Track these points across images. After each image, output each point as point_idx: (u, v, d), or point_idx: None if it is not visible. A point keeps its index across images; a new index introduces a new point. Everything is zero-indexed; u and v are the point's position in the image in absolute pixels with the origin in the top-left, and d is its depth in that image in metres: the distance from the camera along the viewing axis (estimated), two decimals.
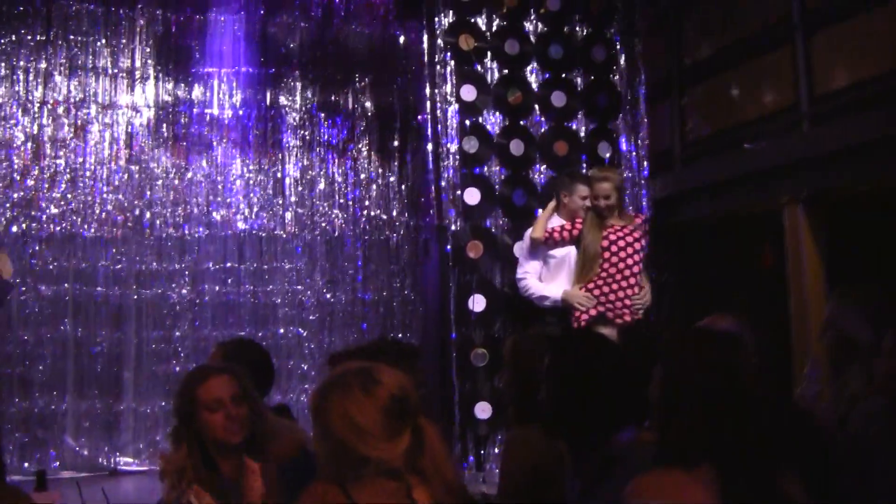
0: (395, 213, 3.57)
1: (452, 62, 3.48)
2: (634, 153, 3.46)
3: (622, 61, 3.54)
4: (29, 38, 3.38)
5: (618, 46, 3.56)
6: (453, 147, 3.47)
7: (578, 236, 2.88)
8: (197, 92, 3.49)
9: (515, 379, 1.66)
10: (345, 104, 3.59)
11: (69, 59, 3.40)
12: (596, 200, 2.85)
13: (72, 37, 3.39)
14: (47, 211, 3.35)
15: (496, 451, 3.10)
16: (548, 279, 2.89)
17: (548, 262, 2.91)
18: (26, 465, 3.25)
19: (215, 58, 3.50)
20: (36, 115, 3.35)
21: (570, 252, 2.89)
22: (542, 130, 3.53)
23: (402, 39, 3.60)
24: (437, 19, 3.50)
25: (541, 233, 2.87)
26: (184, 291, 3.43)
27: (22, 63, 3.37)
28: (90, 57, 3.41)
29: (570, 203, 2.98)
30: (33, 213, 3.31)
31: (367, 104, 3.59)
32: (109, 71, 3.42)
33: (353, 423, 1.01)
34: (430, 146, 3.49)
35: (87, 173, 3.40)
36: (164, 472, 1.43)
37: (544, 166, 3.45)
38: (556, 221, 2.96)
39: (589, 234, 2.79)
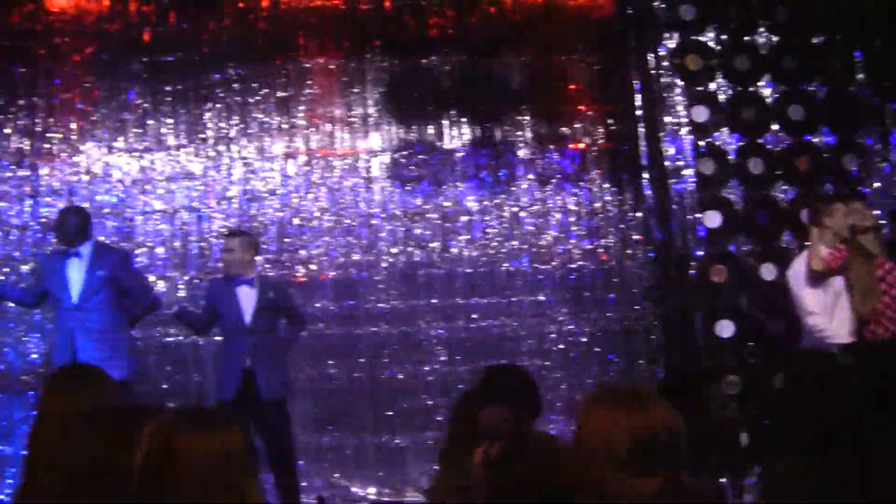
0: (631, 241, 5.03)
1: (681, 84, 4.93)
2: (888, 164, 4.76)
3: (863, 68, 4.86)
4: (271, 95, 5.08)
5: (858, 53, 4.89)
6: (688, 171, 4.92)
7: (845, 263, 4.22)
8: (429, 133, 5.09)
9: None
10: (572, 134, 5.08)
11: (308, 111, 5.08)
12: (859, 230, 4.19)
13: (309, 91, 5.07)
14: (296, 256, 5.02)
15: (755, 482, 4.48)
16: (825, 313, 3.99)
17: (826, 292, 4.19)
18: None
19: (443, 98, 5.07)
20: (282, 166, 5.04)
21: (839, 281, 4.11)
22: (781, 147, 4.91)
23: (624, 66, 5.05)
24: (660, 42, 4.95)
25: (821, 264, 3.96)
26: (429, 327, 5.02)
27: (267, 119, 5.07)
28: (327, 108, 5.07)
29: (833, 224, 4.32)
30: (283, 258, 4.98)
31: (596, 133, 5.07)
32: (345, 119, 5.07)
33: (603, 440, 1.33)
34: (663, 172, 4.94)
35: (332, 218, 5.05)
36: (430, 492, 1.99)
37: (786, 185, 4.84)
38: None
39: (858, 265, 4.15)
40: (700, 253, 4.78)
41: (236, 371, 3.99)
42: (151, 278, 4.90)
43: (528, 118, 5.04)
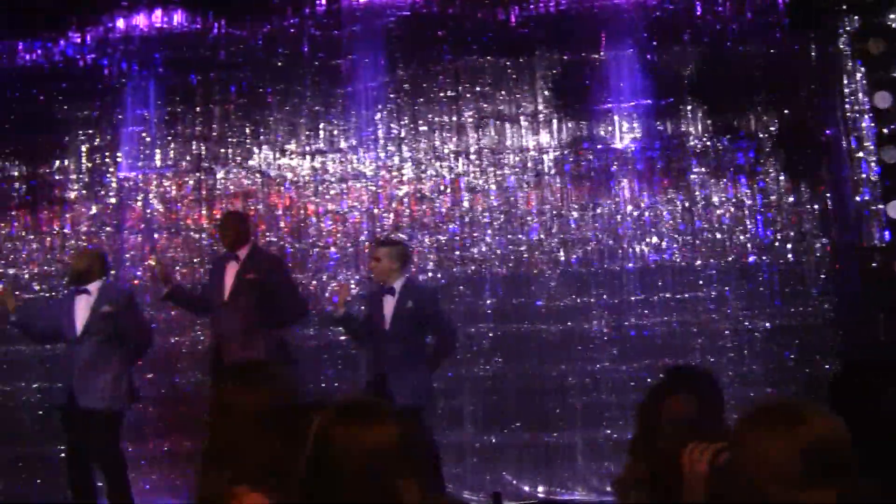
0: (808, 234, 5.49)
1: (862, 69, 5.37)
2: None
3: None
4: (441, 94, 5.74)
5: None
6: (871, 159, 5.36)
7: None
8: (598, 128, 5.66)
9: None
10: (746, 126, 5.56)
11: (477, 109, 5.71)
12: None
13: (478, 89, 5.71)
14: (466, 253, 5.66)
15: None
16: None
17: None
18: (466, 493, 5.56)
19: (613, 93, 5.64)
20: (452, 165, 5.69)
21: None
22: None
23: (799, 53, 5.50)
24: (839, 26, 5.40)
25: None
26: (602, 324, 5.58)
27: (436, 119, 5.73)
28: (496, 105, 5.70)
29: None
30: (454, 255, 5.63)
31: (770, 123, 5.54)
32: (515, 116, 5.68)
33: (767, 462, 1.33)
34: (842, 161, 5.38)
35: (501, 216, 5.67)
36: (619, 483, 2.11)
37: None
38: None
39: None
40: (882, 244, 5.21)
41: (372, 377, 4.52)
42: (324, 278, 5.64)
43: (700, 109, 5.55)
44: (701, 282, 5.53)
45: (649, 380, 5.18)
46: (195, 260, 5.71)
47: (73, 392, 4.44)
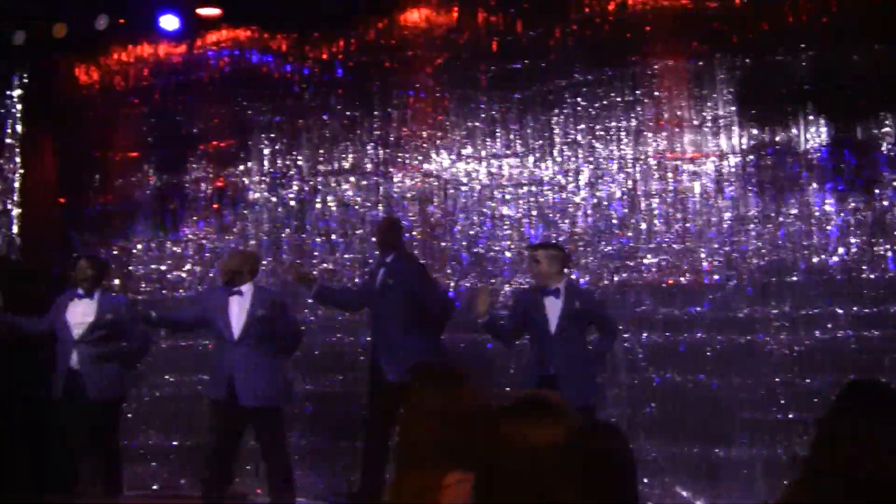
0: None
1: None
2: None
3: None
4: (618, 99, 6.91)
5: None
6: None
7: None
8: (782, 133, 6.65)
9: None
10: None
11: (656, 114, 6.84)
12: None
13: (657, 93, 6.83)
14: (641, 261, 6.79)
15: None
16: None
17: None
18: None
19: (797, 97, 6.60)
20: (629, 171, 6.85)
21: None
22: None
23: None
24: None
25: None
26: (781, 336, 6.58)
27: (614, 123, 6.90)
28: (675, 110, 6.80)
29: None
30: (633, 262, 6.79)
31: None
32: (694, 121, 6.77)
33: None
34: None
35: (681, 222, 6.77)
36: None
37: None
38: None
39: None
40: None
41: (542, 378, 5.46)
42: (498, 282, 6.94)
43: (891, 114, 6.44)
44: (893, 294, 6.44)
45: (832, 396, 6.18)
46: (370, 262, 7.15)
47: (233, 390, 5.52)
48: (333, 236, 7.26)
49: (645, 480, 6.66)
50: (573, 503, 1.65)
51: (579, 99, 6.86)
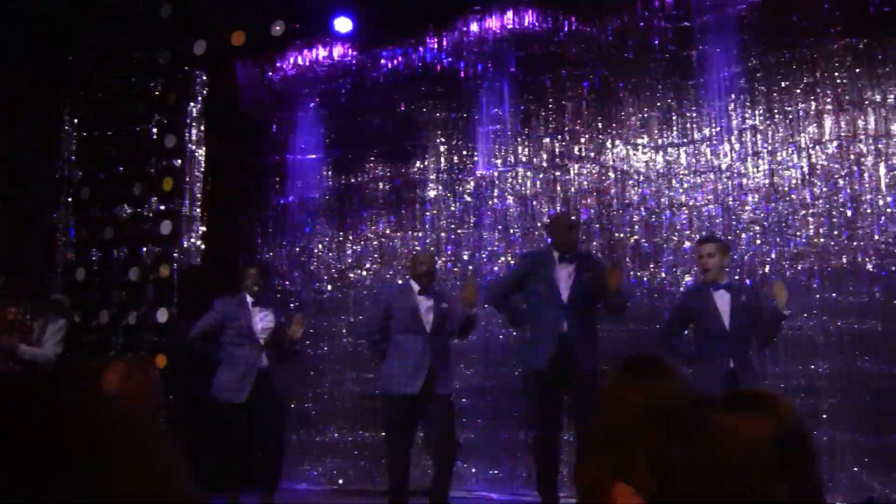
0: None
1: None
2: None
3: None
4: (797, 82, 8.23)
5: None
6: None
7: None
8: None
9: None
10: None
11: (836, 97, 8.12)
12: None
13: (836, 74, 8.12)
14: (830, 244, 8.07)
15: None
16: None
17: None
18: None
19: None
20: (809, 155, 8.16)
21: None
22: None
23: None
24: None
25: None
26: None
27: (791, 107, 8.24)
28: (856, 92, 8.05)
29: None
30: (816, 249, 8.07)
31: None
32: (876, 103, 8.00)
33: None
34: None
35: (865, 205, 8.02)
36: None
37: None
38: None
39: None
40: None
41: (720, 374, 6.45)
42: (678, 272, 8.40)
43: None
44: None
45: None
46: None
47: (430, 380, 6.95)
48: (511, 231, 8.91)
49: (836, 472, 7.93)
50: (783, 501, 1.80)
51: (755, 83, 8.22)
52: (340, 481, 9.24)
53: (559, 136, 8.65)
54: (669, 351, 6.64)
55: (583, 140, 8.56)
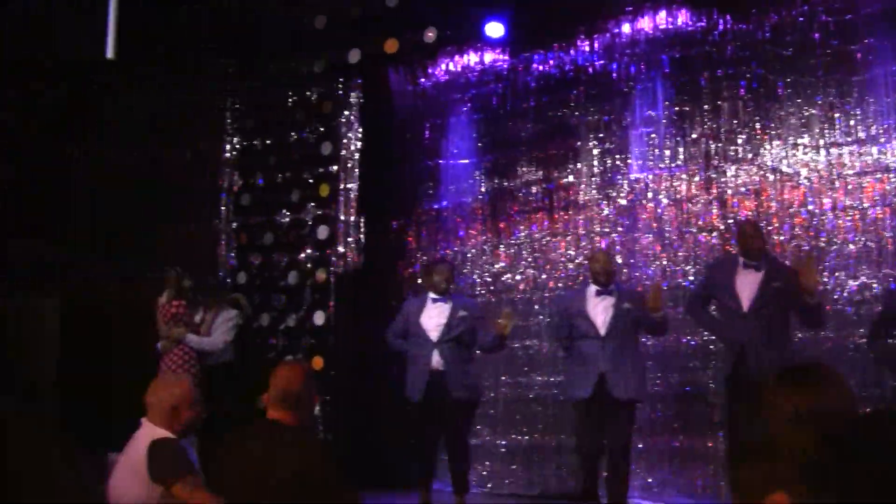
0: None
1: None
2: None
3: None
4: None
5: None
6: None
7: None
8: None
9: None
10: None
11: None
12: None
13: None
14: None
15: None
16: None
17: None
18: None
19: None
20: None
21: None
22: None
23: None
24: None
25: None
26: None
27: None
28: None
29: None
30: None
31: None
32: None
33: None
34: None
35: None
36: None
37: None
38: None
39: None
40: None
41: None
42: (842, 276, 8.22)
43: None
44: None
45: None
46: (703, 258, 8.72)
47: (605, 383, 7.15)
48: (666, 234, 8.92)
49: None
50: None
51: None
52: (489, 485, 9.41)
53: (715, 138, 8.58)
54: None
55: (740, 140, 8.46)
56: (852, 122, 8.13)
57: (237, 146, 10.85)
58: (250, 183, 10.80)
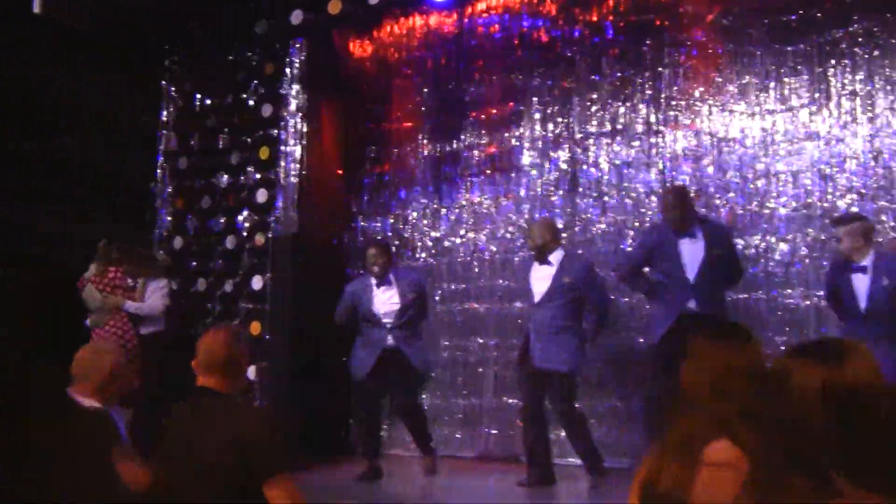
0: None
1: None
2: None
3: None
4: None
5: None
6: None
7: None
8: None
9: None
10: None
11: None
12: None
13: None
14: None
15: None
16: None
17: None
18: None
19: None
20: None
21: None
22: None
23: None
24: None
25: None
26: None
27: (894, 72, 8.86)
28: None
29: None
30: None
31: None
32: None
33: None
34: None
35: None
36: None
37: None
38: None
39: None
40: None
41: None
42: (772, 239, 9.08)
43: None
44: None
45: None
46: (643, 223, 9.51)
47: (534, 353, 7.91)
48: (605, 198, 9.70)
49: None
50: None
51: (857, 49, 8.84)
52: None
53: (656, 104, 9.36)
54: None
55: (679, 107, 9.25)
56: (786, 91, 8.91)
57: (175, 107, 11.33)
58: (188, 146, 11.19)
